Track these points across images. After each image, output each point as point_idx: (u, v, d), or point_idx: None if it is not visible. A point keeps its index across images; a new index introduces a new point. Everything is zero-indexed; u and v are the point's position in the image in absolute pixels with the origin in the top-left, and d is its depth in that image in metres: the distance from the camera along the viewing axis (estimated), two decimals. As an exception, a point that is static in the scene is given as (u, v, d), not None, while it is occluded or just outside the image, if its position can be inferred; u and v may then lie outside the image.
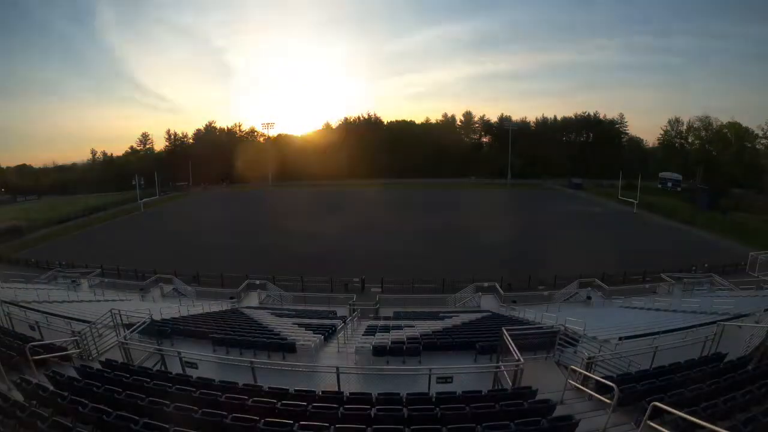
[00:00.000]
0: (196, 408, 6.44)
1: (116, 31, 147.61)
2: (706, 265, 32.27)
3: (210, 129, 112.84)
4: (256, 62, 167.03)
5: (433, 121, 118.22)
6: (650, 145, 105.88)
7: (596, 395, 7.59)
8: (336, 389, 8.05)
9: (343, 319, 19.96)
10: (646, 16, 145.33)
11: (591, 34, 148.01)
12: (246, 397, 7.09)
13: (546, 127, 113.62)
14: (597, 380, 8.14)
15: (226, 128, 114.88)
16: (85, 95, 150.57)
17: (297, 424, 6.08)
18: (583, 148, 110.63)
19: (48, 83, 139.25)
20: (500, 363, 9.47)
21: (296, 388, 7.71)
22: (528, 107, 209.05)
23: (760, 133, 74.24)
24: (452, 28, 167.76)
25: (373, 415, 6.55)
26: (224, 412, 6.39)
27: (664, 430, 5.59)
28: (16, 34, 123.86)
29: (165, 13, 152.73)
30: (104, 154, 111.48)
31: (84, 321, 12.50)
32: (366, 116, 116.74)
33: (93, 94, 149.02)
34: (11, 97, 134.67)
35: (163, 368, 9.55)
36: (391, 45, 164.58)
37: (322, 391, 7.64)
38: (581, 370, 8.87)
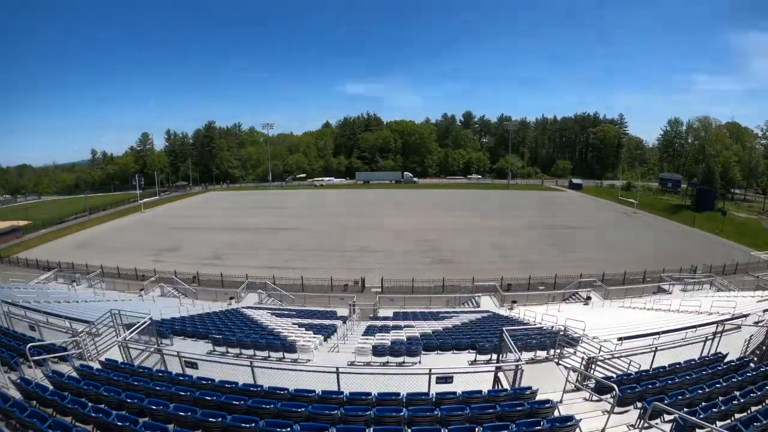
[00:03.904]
0: (196, 408, 6.44)
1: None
2: (704, 265, 32.27)
3: (210, 129, 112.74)
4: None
5: (433, 121, 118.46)
6: (650, 146, 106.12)
7: (596, 395, 7.59)
8: (336, 389, 8.05)
9: (343, 319, 19.99)
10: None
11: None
12: (246, 397, 7.09)
13: (546, 127, 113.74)
14: (597, 380, 8.14)
15: (225, 128, 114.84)
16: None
17: (297, 425, 6.08)
18: (583, 148, 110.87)
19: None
20: (500, 363, 9.47)
21: (296, 388, 7.71)
22: (528, 107, 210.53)
23: (759, 133, 74.36)
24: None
25: (372, 415, 6.55)
26: (224, 413, 6.38)
27: (664, 430, 5.59)
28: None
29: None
30: (104, 153, 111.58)
31: (84, 321, 12.50)
32: (366, 116, 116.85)
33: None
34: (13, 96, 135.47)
35: (163, 368, 9.55)
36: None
37: (322, 391, 7.63)
38: (581, 371, 8.88)
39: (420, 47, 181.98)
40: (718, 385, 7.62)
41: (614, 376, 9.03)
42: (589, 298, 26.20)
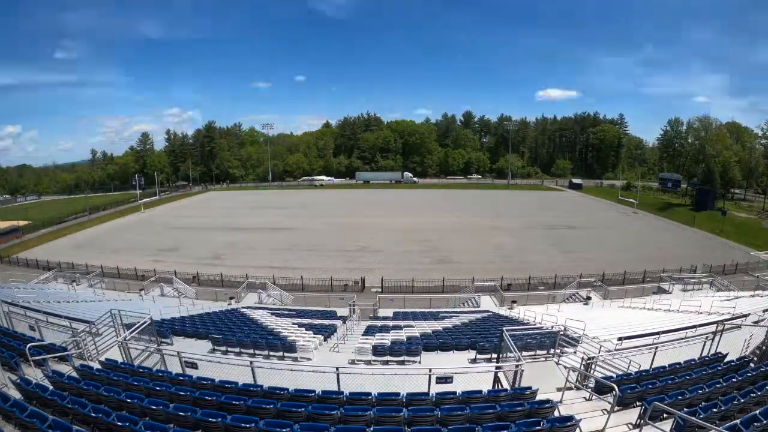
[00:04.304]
0: (196, 408, 6.44)
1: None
2: (704, 265, 32.25)
3: (210, 129, 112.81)
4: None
5: (433, 120, 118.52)
6: (650, 146, 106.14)
7: (596, 395, 7.59)
8: (336, 389, 8.05)
9: (343, 319, 20.01)
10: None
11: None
12: (246, 398, 7.09)
13: (546, 127, 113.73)
14: (597, 380, 8.14)
15: (226, 128, 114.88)
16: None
17: (297, 425, 6.07)
18: (583, 148, 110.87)
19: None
20: (500, 363, 9.47)
21: (296, 388, 7.71)
22: (528, 107, 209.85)
23: (760, 133, 74.36)
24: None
25: (372, 415, 6.54)
26: (224, 412, 6.38)
27: (664, 430, 5.59)
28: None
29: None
30: (104, 153, 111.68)
31: (84, 321, 12.48)
32: (366, 116, 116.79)
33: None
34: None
35: (163, 368, 9.55)
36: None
37: (322, 391, 7.63)
38: (581, 371, 8.88)
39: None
40: (718, 385, 7.61)
41: (614, 376, 9.03)
42: (589, 298, 26.21)
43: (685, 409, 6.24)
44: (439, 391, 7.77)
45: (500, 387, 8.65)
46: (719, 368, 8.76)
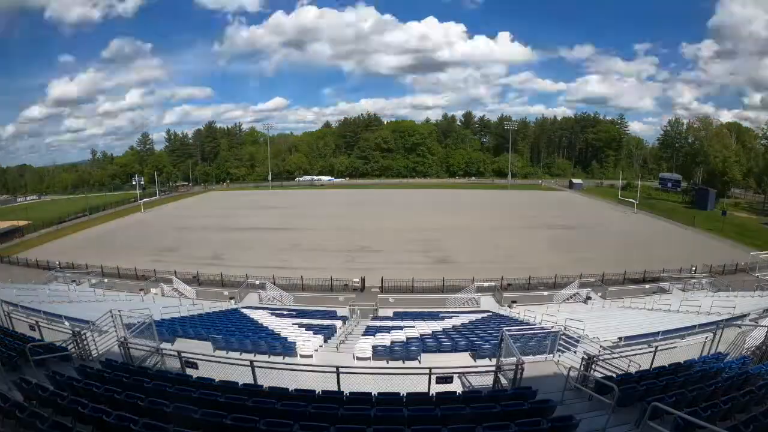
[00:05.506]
0: (195, 408, 6.44)
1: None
2: (704, 265, 32.23)
3: (210, 129, 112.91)
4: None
5: (433, 120, 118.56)
6: (650, 146, 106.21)
7: (596, 395, 7.59)
8: (336, 389, 8.05)
9: (343, 319, 20.03)
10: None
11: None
12: (246, 397, 7.09)
13: (546, 127, 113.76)
14: (597, 380, 8.14)
15: (226, 128, 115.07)
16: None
17: (297, 424, 6.07)
18: (583, 148, 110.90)
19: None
20: (500, 363, 9.47)
21: (296, 388, 7.71)
22: (528, 107, 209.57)
23: (760, 134, 74.40)
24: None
25: (373, 415, 6.55)
26: (224, 412, 6.38)
27: (664, 430, 5.59)
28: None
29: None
30: (104, 153, 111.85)
31: (84, 321, 12.49)
32: (366, 115, 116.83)
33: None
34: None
35: (162, 368, 9.55)
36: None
37: (322, 391, 7.63)
38: (581, 371, 8.88)
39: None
40: (718, 385, 7.62)
41: (614, 376, 9.02)
42: (589, 298, 26.21)
43: (685, 409, 6.24)
44: (439, 391, 7.77)
45: (500, 387, 8.65)
46: (719, 368, 8.76)
